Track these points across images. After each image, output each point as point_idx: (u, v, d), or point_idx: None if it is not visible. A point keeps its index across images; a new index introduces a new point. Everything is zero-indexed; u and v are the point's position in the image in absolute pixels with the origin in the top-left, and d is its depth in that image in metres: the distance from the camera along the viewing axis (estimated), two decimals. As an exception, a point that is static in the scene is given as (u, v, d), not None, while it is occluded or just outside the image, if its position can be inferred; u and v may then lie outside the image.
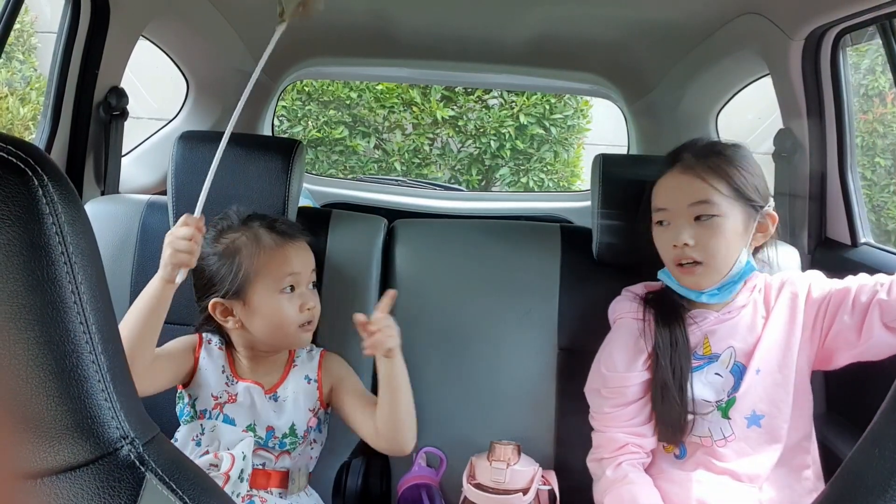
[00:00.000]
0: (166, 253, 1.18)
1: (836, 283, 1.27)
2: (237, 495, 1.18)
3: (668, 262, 1.31)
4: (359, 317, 1.21)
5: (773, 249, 1.37)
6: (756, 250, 1.34)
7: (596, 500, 1.31)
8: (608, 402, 1.32)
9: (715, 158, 1.28)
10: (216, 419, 1.29)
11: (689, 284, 1.29)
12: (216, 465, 1.18)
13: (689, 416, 1.26)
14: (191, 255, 1.18)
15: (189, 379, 1.32)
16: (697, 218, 1.26)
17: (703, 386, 1.27)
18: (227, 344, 1.35)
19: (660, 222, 1.31)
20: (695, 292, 1.29)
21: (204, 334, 1.36)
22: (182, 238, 1.17)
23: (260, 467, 1.27)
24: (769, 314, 1.29)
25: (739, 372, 1.27)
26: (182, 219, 1.20)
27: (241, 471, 1.16)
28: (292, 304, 1.27)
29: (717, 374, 1.28)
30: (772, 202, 1.30)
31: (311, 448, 1.36)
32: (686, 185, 1.27)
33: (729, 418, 1.26)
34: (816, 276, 1.32)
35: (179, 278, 1.18)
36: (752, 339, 1.28)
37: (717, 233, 1.25)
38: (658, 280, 1.38)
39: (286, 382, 1.33)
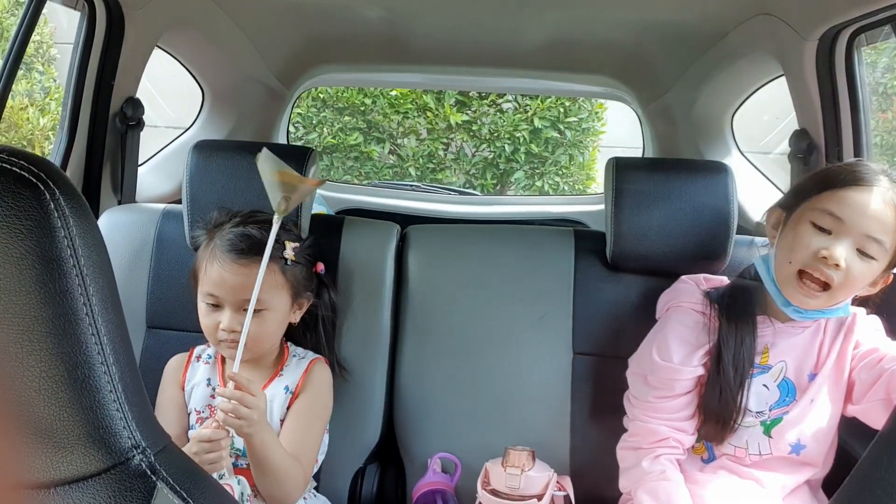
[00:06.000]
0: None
1: (878, 339, 1.25)
2: None
3: (795, 262, 1.18)
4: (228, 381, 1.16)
5: None
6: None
7: (623, 486, 1.29)
8: (654, 392, 1.28)
9: None
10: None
11: (795, 299, 1.20)
12: None
13: (740, 419, 1.23)
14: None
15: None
16: (859, 249, 1.16)
17: (749, 394, 1.25)
18: None
19: (820, 226, 1.18)
20: (785, 301, 1.22)
21: (196, 349, 1.39)
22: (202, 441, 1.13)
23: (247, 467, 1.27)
24: (824, 342, 1.26)
25: (786, 388, 1.25)
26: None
27: (241, 494, 1.16)
28: (211, 317, 1.27)
29: (764, 385, 1.26)
30: None
31: None
32: (874, 214, 1.15)
33: (770, 437, 1.24)
34: (874, 322, 1.28)
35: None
36: (806, 361, 1.25)
37: (862, 273, 1.16)
38: (704, 274, 1.37)
39: (266, 391, 1.32)
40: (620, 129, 5.34)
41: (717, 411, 1.23)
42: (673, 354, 1.27)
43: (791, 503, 1.24)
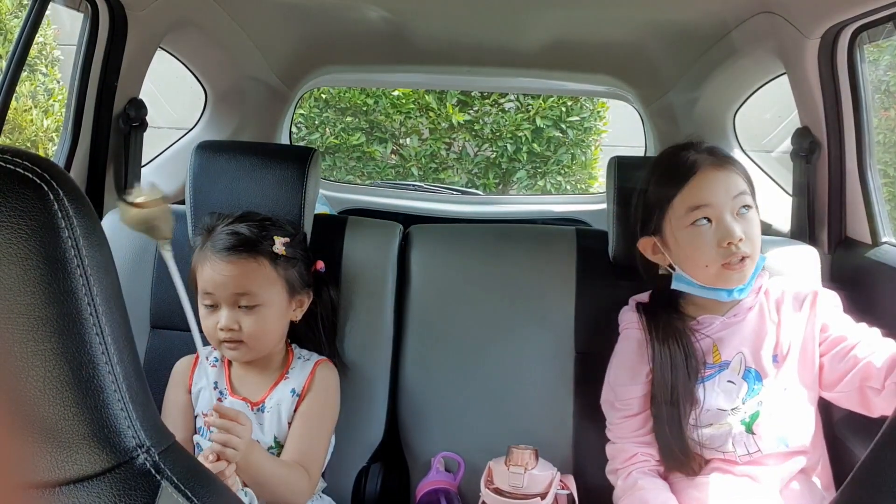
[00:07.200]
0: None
1: (843, 322, 1.26)
2: None
3: (711, 263, 1.23)
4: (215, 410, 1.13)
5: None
6: None
7: None
8: (618, 414, 1.33)
9: (727, 156, 1.30)
10: (204, 437, 1.30)
11: (736, 283, 1.24)
12: None
13: (697, 446, 1.24)
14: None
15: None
16: (739, 212, 1.24)
17: (716, 394, 1.26)
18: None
19: (701, 221, 1.24)
20: (726, 291, 1.25)
21: (202, 352, 1.39)
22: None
23: None
24: (782, 322, 1.27)
25: (752, 377, 1.26)
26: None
27: None
28: (210, 319, 1.27)
29: (729, 381, 1.26)
30: None
31: None
32: (725, 178, 1.25)
33: (753, 434, 1.24)
34: (833, 300, 1.29)
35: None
36: (762, 345, 1.26)
37: (755, 223, 1.25)
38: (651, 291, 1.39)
39: (273, 393, 1.32)
40: (622, 129, 5.33)
41: (663, 444, 1.26)
42: (623, 376, 1.33)
43: (788, 495, 1.24)
